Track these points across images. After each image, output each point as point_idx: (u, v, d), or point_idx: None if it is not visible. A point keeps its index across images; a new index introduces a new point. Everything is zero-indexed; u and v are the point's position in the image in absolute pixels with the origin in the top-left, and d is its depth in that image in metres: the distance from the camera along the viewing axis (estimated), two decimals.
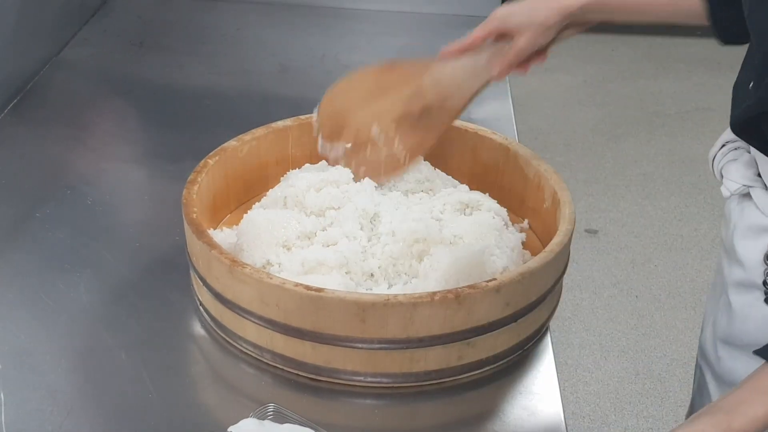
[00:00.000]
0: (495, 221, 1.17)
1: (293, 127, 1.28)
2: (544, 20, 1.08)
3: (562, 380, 2.33)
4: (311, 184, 1.18)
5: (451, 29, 1.97)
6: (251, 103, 1.65)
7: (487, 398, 1.03)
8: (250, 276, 0.98)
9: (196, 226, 1.06)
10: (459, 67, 1.15)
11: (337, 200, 1.16)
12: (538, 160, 1.21)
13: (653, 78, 3.92)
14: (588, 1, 1.08)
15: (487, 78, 1.13)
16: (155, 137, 1.54)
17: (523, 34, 1.09)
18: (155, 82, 1.72)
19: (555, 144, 3.37)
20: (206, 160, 1.19)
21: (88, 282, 1.16)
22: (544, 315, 1.08)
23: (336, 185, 1.19)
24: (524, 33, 1.09)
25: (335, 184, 1.19)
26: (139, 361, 1.04)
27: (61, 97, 1.65)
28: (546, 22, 1.08)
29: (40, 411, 0.97)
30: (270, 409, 0.95)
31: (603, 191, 3.13)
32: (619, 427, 2.22)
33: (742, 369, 0.99)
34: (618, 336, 2.52)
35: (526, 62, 1.13)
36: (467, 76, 1.15)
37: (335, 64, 1.81)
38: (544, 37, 1.10)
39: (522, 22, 1.10)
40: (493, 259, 1.09)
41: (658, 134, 3.51)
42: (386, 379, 1.01)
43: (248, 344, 1.04)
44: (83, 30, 1.89)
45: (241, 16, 2.00)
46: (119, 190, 1.38)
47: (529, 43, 1.09)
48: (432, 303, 0.95)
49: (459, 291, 0.96)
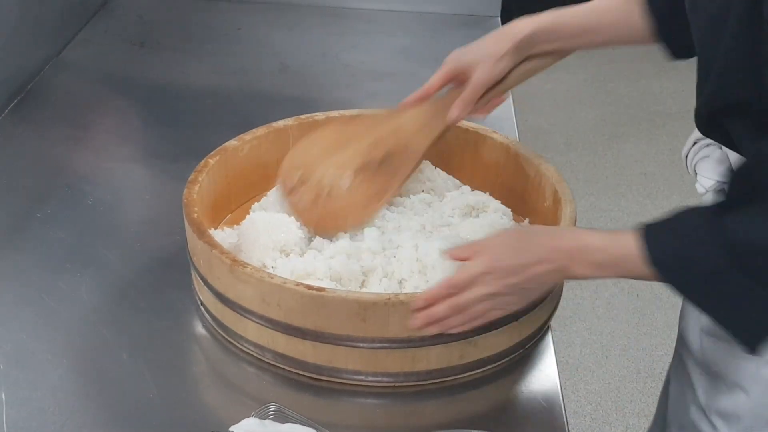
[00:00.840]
0: (503, 221, 1.18)
1: (294, 127, 1.28)
2: (495, 51, 1.09)
3: (564, 379, 2.32)
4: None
5: (451, 28, 1.97)
6: (252, 102, 1.65)
7: (489, 397, 1.03)
8: (251, 275, 0.98)
9: (197, 225, 1.06)
10: (418, 113, 1.17)
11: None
12: (538, 159, 1.21)
13: (654, 77, 3.91)
14: (534, 28, 1.09)
15: (446, 121, 1.14)
16: (156, 137, 1.54)
17: (477, 68, 1.10)
18: (156, 82, 1.72)
19: (556, 143, 3.37)
20: (207, 159, 1.19)
21: (89, 282, 1.16)
22: (545, 314, 1.08)
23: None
24: (478, 67, 1.10)
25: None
26: (141, 360, 1.04)
27: (62, 97, 1.65)
28: (497, 52, 1.09)
29: (42, 411, 0.97)
30: (271, 409, 0.95)
31: (604, 190, 3.13)
32: (621, 425, 2.22)
33: (727, 358, 0.99)
34: (619, 335, 2.52)
35: (486, 105, 1.14)
36: (427, 120, 1.16)
37: (336, 63, 1.81)
38: (498, 69, 1.10)
39: (474, 58, 1.11)
40: None
41: (659, 134, 3.51)
42: (388, 378, 1.01)
43: (249, 344, 1.04)
44: (84, 30, 1.89)
45: (241, 15, 2.00)
46: (120, 190, 1.38)
47: (483, 76, 1.09)
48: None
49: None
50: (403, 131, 1.17)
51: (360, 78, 1.75)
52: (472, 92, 1.11)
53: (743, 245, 0.82)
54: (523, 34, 1.08)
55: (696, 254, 0.84)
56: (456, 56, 1.13)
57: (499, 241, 0.95)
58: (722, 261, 0.82)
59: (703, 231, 0.84)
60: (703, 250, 0.83)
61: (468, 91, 1.11)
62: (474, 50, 1.11)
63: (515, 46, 1.09)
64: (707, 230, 0.84)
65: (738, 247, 0.82)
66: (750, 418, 0.99)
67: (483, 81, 1.10)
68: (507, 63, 1.10)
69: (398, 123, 1.18)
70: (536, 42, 1.10)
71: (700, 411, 1.04)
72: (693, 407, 1.06)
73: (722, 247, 0.82)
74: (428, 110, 1.17)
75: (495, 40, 1.10)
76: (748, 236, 0.82)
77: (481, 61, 1.09)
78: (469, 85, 1.11)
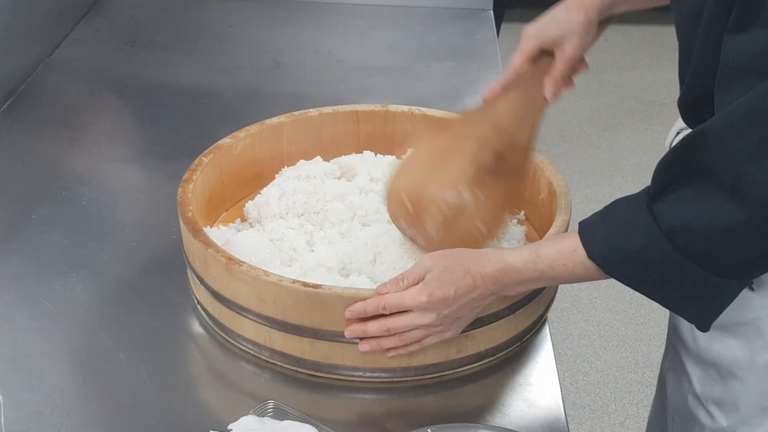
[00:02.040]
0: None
1: (287, 124, 1.28)
2: (582, 21, 1.05)
3: (562, 371, 2.33)
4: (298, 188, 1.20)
5: (444, 22, 1.97)
6: (245, 99, 1.65)
7: (487, 391, 1.03)
8: (247, 274, 0.98)
9: (192, 224, 1.06)
10: (513, 102, 1.08)
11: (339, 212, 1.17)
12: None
13: (648, 67, 3.91)
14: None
15: (543, 102, 1.08)
16: (149, 136, 1.54)
17: (567, 41, 1.05)
18: (148, 81, 1.72)
19: (551, 135, 3.37)
20: (201, 158, 1.19)
21: (85, 282, 1.16)
22: (541, 306, 1.08)
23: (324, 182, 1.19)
24: (568, 40, 1.05)
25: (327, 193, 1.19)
26: (138, 360, 1.04)
27: (54, 98, 1.64)
28: (584, 21, 1.05)
29: (40, 412, 0.96)
30: (269, 406, 0.95)
31: (599, 182, 3.13)
32: (620, 416, 2.23)
33: (721, 348, 1.00)
34: (617, 326, 2.52)
35: (573, 77, 1.10)
36: (524, 107, 1.08)
37: (329, 60, 1.81)
38: (589, 39, 1.06)
39: (561, 31, 1.06)
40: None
41: (654, 123, 3.51)
42: (385, 373, 1.01)
43: (247, 342, 1.04)
44: (75, 30, 1.88)
45: (233, 13, 2.00)
46: (115, 190, 1.38)
47: (576, 48, 1.05)
48: None
49: None
50: (503, 126, 1.07)
51: (353, 73, 1.75)
52: (567, 67, 1.06)
53: (679, 229, 0.83)
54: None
55: (634, 245, 0.85)
56: (535, 32, 1.07)
57: (430, 277, 0.94)
58: (666, 249, 0.83)
59: (637, 222, 0.85)
60: (640, 241, 0.85)
61: (562, 66, 1.06)
62: (556, 23, 1.06)
63: (600, 10, 1.05)
64: (641, 221, 0.85)
65: (675, 232, 0.83)
66: (746, 406, 0.99)
67: (576, 54, 1.06)
68: (594, 30, 1.07)
69: (494, 118, 1.07)
70: (613, 5, 1.07)
71: (697, 400, 1.05)
72: (690, 397, 1.06)
73: (660, 235, 0.83)
74: (520, 96, 1.08)
75: (577, 9, 1.05)
76: (682, 220, 0.83)
77: (570, 34, 1.05)
78: (562, 60, 1.06)
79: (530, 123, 1.08)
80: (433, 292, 0.93)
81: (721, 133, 0.81)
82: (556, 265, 0.91)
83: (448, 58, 1.81)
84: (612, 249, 0.88)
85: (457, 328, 0.97)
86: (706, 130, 0.82)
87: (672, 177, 0.85)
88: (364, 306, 0.95)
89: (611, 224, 0.89)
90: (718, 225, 0.81)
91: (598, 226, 0.90)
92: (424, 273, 0.94)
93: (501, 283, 0.94)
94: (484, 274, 0.94)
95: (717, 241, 0.82)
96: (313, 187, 1.21)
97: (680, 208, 0.84)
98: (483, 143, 1.06)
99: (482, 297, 0.95)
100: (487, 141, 1.06)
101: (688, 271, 0.84)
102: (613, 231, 0.88)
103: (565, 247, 0.91)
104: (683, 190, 0.84)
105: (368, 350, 0.97)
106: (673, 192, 0.85)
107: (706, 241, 0.83)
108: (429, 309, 0.94)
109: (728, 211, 0.80)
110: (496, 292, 0.95)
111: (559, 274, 0.92)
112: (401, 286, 0.95)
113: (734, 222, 0.80)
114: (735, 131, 0.80)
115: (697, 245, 0.83)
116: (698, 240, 0.83)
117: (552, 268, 0.92)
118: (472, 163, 1.05)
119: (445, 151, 1.07)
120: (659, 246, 0.84)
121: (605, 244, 0.88)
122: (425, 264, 0.95)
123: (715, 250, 0.83)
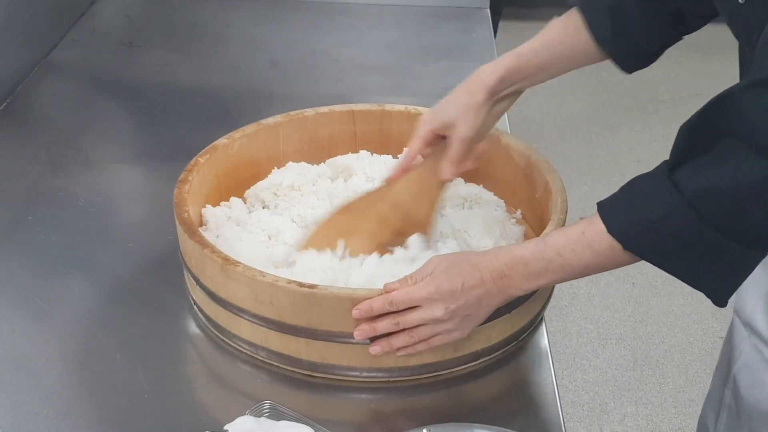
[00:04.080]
0: (497, 213, 1.18)
1: (284, 124, 1.28)
2: (471, 103, 1.08)
3: (560, 369, 2.33)
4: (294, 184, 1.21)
5: (440, 21, 1.97)
6: (242, 99, 1.65)
7: (484, 390, 1.03)
8: (243, 274, 0.98)
9: (188, 225, 1.06)
10: (410, 182, 1.13)
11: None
12: (528, 150, 1.21)
13: None
14: (503, 73, 1.08)
15: (440, 181, 1.12)
16: (146, 137, 1.53)
17: (457, 124, 1.08)
18: (145, 82, 1.72)
19: (549, 134, 3.37)
20: (197, 158, 1.18)
21: (81, 284, 1.16)
22: (538, 305, 1.08)
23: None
24: (459, 122, 1.08)
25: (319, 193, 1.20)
26: (135, 361, 1.04)
27: (50, 100, 1.64)
28: (474, 104, 1.08)
29: (36, 414, 0.96)
30: (266, 407, 0.95)
31: (598, 180, 3.13)
32: (618, 414, 2.23)
33: None
34: (615, 323, 2.52)
35: (473, 155, 1.12)
36: (422, 186, 1.13)
37: (325, 59, 1.81)
38: (479, 120, 1.08)
39: (452, 115, 1.09)
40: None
41: (652, 121, 3.51)
42: (382, 373, 1.01)
43: (243, 342, 1.04)
44: (71, 31, 1.88)
45: (229, 13, 2.00)
46: (111, 191, 1.38)
47: (466, 131, 1.08)
48: None
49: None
50: (402, 205, 1.13)
51: (350, 73, 1.75)
52: (460, 149, 1.09)
53: (702, 194, 0.82)
54: (493, 81, 1.08)
55: (655, 215, 0.85)
56: (431, 117, 1.11)
57: (437, 270, 0.94)
58: (689, 216, 0.83)
59: (658, 193, 0.85)
60: (662, 210, 0.84)
61: (455, 148, 1.09)
62: (449, 106, 1.10)
63: (489, 93, 1.08)
64: (662, 191, 0.85)
65: (698, 197, 0.83)
66: None
67: (467, 136, 1.08)
68: (485, 112, 1.09)
69: (394, 197, 1.13)
70: (505, 85, 1.09)
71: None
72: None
73: (682, 203, 0.83)
74: (419, 176, 1.13)
75: (468, 92, 1.08)
76: (705, 184, 0.82)
77: (460, 116, 1.08)
78: (455, 143, 1.09)
79: (429, 201, 1.13)
80: (441, 284, 0.93)
81: (748, 91, 0.80)
82: (564, 251, 0.91)
83: (445, 57, 1.81)
84: (632, 221, 0.87)
85: (464, 329, 0.97)
86: (734, 92, 0.81)
87: (694, 143, 0.85)
88: (371, 303, 0.94)
89: (630, 198, 0.88)
90: (742, 183, 0.80)
91: (618, 203, 0.89)
92: (432, 269, 0.95)
93: (508, 278, 0.94)
94: (492, 267, 0.94)
95: (741, 203, 0.81)
96: (307, 188, 1.22)
97: (702, 173, 0.83)
98: (381, 222, 1.12)
99: (490, 295, 0.94)
100: (385, 220, 1.12)
101: (710, 240, 0.83)
102: (632, 204, 0.88)
103: (574, 233, 0.91)
104: (703, 157, 0.83)
105: (379, 352, 0.97)
106: (693, 159, 0.84)
107: (729, 204, 0.82)
108: (437, 300, 0.93)
109: (753, 167, 0.79)
110: (503, 290, 0.94)
111: (567, 262, 0.91)
112: (408, 284, 0.95)
113: (759, 178, 0.79)
114: (762, 90, 0.79)
115: (721, 210, 0.82)
116: (722, 204, 0.82)
117: (560, 255, 0.91)
118: (371, 242, 1.10)
119: (344, 232, 1.11)
120: (682, 214, 0.83)
121: (625, 218, 0.88)
122: (432, 262, 0.96)
123: (739, 213, 0.82)
